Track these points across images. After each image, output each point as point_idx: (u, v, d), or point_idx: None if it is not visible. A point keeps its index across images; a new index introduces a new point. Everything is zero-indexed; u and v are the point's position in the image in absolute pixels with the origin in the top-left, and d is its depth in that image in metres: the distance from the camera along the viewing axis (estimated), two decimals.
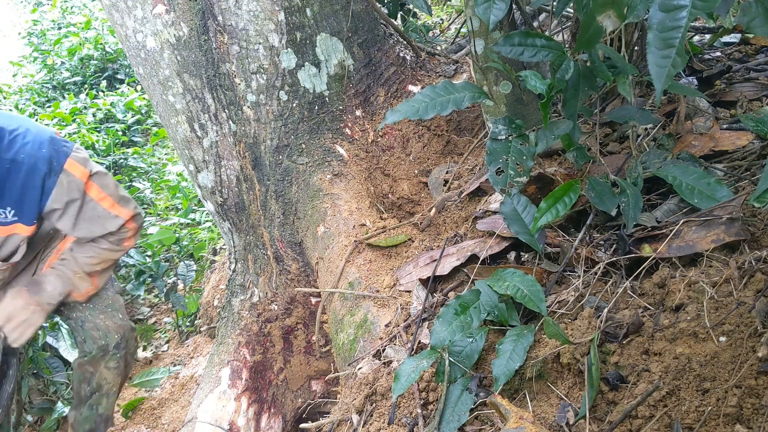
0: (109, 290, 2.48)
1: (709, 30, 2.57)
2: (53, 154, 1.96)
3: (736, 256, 1.37)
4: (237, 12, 2.32)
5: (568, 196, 1.60)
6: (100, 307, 2.41)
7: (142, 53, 2.42)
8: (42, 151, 1.93)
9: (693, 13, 0.95)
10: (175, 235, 4.01)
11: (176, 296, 3.81)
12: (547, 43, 1.58)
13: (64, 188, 2.02)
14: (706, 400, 1.15)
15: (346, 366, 1.88)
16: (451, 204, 2.26)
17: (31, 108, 6.49)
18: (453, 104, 1.72)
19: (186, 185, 4.95)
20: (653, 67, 0.99)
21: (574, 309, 1.49)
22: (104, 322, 2.39)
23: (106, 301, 2.43)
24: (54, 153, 1.96)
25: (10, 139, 1.89)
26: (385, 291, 1.98)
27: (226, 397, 2.42)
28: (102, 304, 2.42)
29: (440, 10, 6.20)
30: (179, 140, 2.55)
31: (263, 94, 2.42)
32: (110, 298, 2.46)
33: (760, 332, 1.17)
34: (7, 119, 1.94)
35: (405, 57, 2.68)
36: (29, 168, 1.92)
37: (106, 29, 7.87)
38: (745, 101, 2.02)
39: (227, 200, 2.58)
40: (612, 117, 1.79)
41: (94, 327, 2.38)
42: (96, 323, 2.38)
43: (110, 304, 2.44)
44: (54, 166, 1.97)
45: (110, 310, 2.43)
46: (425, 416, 1.44)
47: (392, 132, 2.61)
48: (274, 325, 2.59)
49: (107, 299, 2.45)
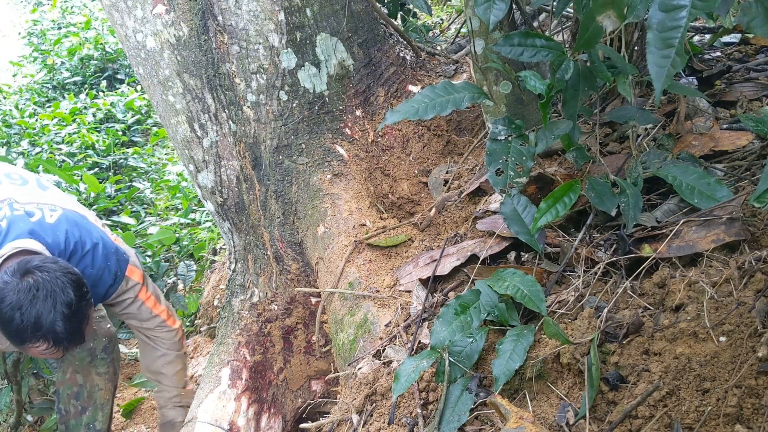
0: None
1: (709, 30, 2.57)
2: (116, 266, 2.16)
3: (736, 256, 1.37)
4: (237, 12, 2.32)
5: (568, 196, 1.60)
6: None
7: (142, 53, 2.42)
8: (107, 263, 2.13)
9: (693, 13, 0.95)
10: (175, 235, 4.01)
11: (176, 296, 3.81)
12: (547, 44, 1.58)
13: (123, 289, 2.24)
14: (706, 400, 1.15)
15: (346, 366, 1.88)
16: (451, 204, 2.26)
17: (31, 108, 6.49)
18: (453, 104, 1.72)
19: (186, 185, 4.95)
20: (653, 67, 0.99)
21: (574, 309, 1.49)
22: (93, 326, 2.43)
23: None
24: (116, 265, 2.16)
25: (83, 254, 2.05)
26: (385, 291, 1.98)
27: (226, 397, 2.42)
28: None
29: (440, 10, 6.20)
30: (179, 140, 2.55)
31: (263, 94, 2.42)
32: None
33: (760, 332, 1.17)
34: (85, 233, 2.10)
35: (405, 57, 2.68)
36: (95, 280, 2.10)
37: (106, 29, 7.87)
38: (745, 101, 2.02)
39: (227, 200, 2.58)
40: (612, 117, 1.79)
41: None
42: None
43: (96, 310, 2.48)
44: (118, 276, 2.17)
45: (97, 317, 2.49)
46: (425, 416, 1.44)
47: (392, 132, 2.61)
48: (274, 325, 2.59)
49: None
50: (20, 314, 1.71)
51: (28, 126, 5.66)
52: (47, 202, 2.12)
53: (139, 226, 4.32)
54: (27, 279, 1.73)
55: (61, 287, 1.76)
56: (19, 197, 2.08)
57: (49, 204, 2.10)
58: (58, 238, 1.99)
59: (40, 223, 1.98)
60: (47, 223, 2.00)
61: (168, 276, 3.87)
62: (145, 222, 4.55)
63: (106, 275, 2.11)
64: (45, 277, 1.75)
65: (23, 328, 1.73)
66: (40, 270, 1.76)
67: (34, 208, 2.03)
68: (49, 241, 1.96)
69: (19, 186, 2.18)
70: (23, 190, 2.16)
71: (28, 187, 2.20)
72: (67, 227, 2.03)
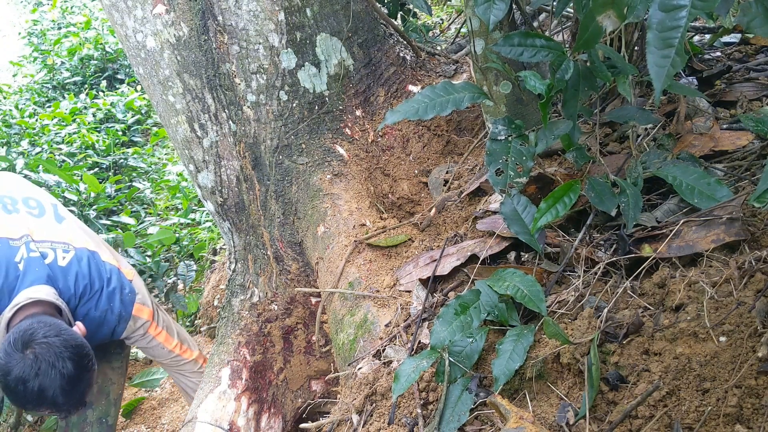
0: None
1: (709, 30, 2.57)
2: (120, 307, 2.22)
3: (736, 256, 1.37)
4: (237, 12, 2.33)
5: (568, 197, 1.60)
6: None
7: (142, 53, 2.42)
8: (111, 305, 2.20)
9: (693, 13, 0.95)
10: (175, 235, 4.01)
11: (176, 296, 3.81)
12: (547, 44, 1.58)
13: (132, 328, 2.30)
14: (706, 400, 1.15)
15: (346, 366, 1.88)
16: (451, 204, 2.26)
17: (31, 108, 6.49)
18: (453, 104, 1.72)
19: (186, 185, 4.95)
20: (653, 67, 0.99)
21: (574, 309, 1.49)
22: None
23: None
24: (122, 306, 2.22)
25: (90, 296, 2.15)
26: (385, 291, 1.98)
27: (226, 397, 2.42)
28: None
29: (440, 10, 6.20)
30: (179, 140, 2.55)
31: (263, 94, 2.42)
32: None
33: (760, 332, 1.17)
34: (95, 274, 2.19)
35: (405, 57, 2.68)
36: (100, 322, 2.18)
37: (106, 29, 7.87)
38: (745, 101, 2.02)
39: (227, 200, 2.58)
40: (612, 117, 1.79)
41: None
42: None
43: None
44: (123, 316, 2.24)
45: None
46: (425, 416, 1.44)
47: (392, 132, 2.61)
48: (274, 325, 2.59)
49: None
50: (24, 388, 1.83)
51: (28, 126, 5.66)
52: (61, 240, 2.21)
53: (139, 226, 4.32)
54: (28, 354, 1.84)
55: (61, 362, 1.86)
56: (36, 233, 2.18)
57: (62, 243, 2.20)
58: (68, 282, 2.13)
59: (52, 266, 2.10)
60: (59, 266, 2.12)
61: (168, 276, 3.88)
62: (145, 222, 4.56)
63: (109, 316, 2.20)
64: (45, 352, 1.85)
65: (28, 400, 1.86)
66: (40, 345, 1.86)
67: (48, 249, 2.15)
68: (60, 286, 2.10)
69: (36, 217, 2.26)
70: (39, 223, 2.25)
71: (44, 220, 2.28)
72: (78, 270, 2.16)
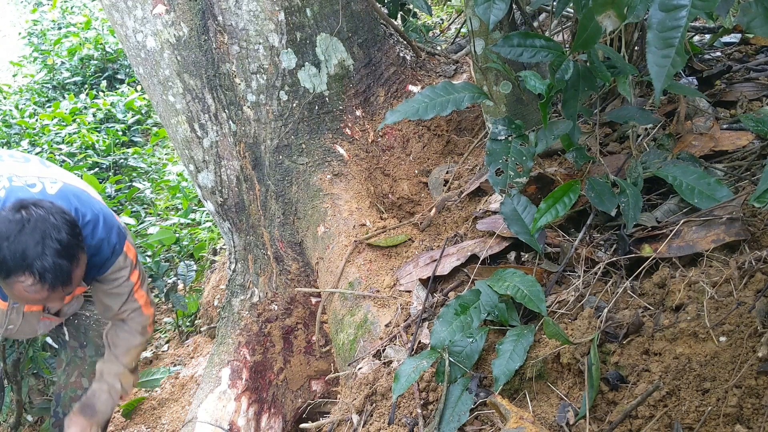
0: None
1: (709, 30, 2.57)
2: (116, 239, 2.11)
3: (736, 256, 1.37)
4: (237, 12, 2.32)
5: (568, 197, 1.60)
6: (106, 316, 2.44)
7: (142, 53, 2.42)
8: (107, 235, 2.07)
9: (693, 13, 0.95)
10: (175, 235, 4.00)
11: (176, 296, 3.81)
12: (547, 44, 1.58)
13: (120, 266, 2.17)
14: (706, 400, 1.15)
15: (346, 366, 1.88)
16: (451, 204, 2.26)
17: (31, 108, 6.48)
18: (453, 104, 1.72)
19: (186, 185, 4.95)
20: (653, 67, 0.99)
21: (574, 309, 1.49)
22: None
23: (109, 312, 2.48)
24: (116, 239, 2.11)
25: (83, 224, 1.99)
26: (385, 291, 1.98)
27: (226, 397, 2.42)
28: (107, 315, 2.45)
29: (440, 10, 6.20)
30: (179, 140, 2.55)
31: (263, 94, 2.42)
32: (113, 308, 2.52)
33: (760, 332, 1.17)
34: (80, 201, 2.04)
35: (405, 57, 2.68)
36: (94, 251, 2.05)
37: (106, 29, 7.86)
38: (745, 101, 2.02)
39: (227, 200, 2.58)
40: (612, 117, 1.79)
41: (98, 335, 2.43)
42: (101, 332, 2.42)
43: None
44: (116, 250, 2.12)
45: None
46: (425, 416, 1.44)
47: (392, 132, 2.61)
48: (274, 325, 2.59)
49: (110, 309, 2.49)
50: (7, 245, 1.69)
51: (28, 126, 5.66)
52: (49, 175, 2.09)
53: (139, 226, 4.31)
54: (20, 212, 1.73)
55: (53, 225, 1.74)
56: (20, 172, 2.06)
57: (51, 177, 2.08)
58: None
59: (42, 193, 1.96)
60: (48, 194, 1.98)
61: (168, 276, 3.87)
62: (145, 222, 4.55)
63: (105, 247, 2.06)
64: (39, 213, 1.74)
65: (8, 258, 1.71)
66: (36, 206, 1.75)
67: (35, 181, 2.02)
68: None
69: (22, 163, 2.16)
70: (25, 166, 2.14)
71: (30, 164, 2.17)
72: (69, 198, 2.01)
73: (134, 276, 2.24)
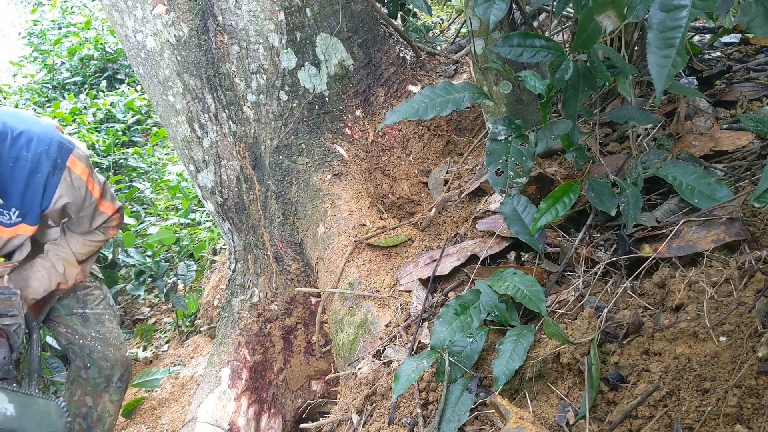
0: (114, 322, 2.52)
1: (709, 30, 2.57)
2: (57, 152, 1.95)
3: (736, 256, 1.37)
4: (237, 12, 2.32)
5: (568, 197, 1.60)
6: (110, 339, 2.44)
7: (142, 53, 2.42)
8: (46, 149, 1.92)
9: (693, 13, 0.95)
10: (175, 235, 4.01)
11: (176, 296, 3.81)
12: (547, 44, 1.58)
13: (68, 185, 2.02)
14: (706, 400, 1.15)
15: (346, 366, 1.88)
16: (451, 204, 2.26)
17: (31, 108, 6.49)
18: (453, 104, 1.72)
19: (186, 185, 4.95)
20: (653, 67, 0.99)
21: (574, 309, 1.49)
22: (113, 354, 2.43)
23: (113, 333, 2.47)
24: (57, 151, 1.95)
25: (14, 137, 1.87)
26: (385, 291, 1.98)
27: (226, 397, 2.42)
28: (111, 336, 2.45)
29: (440, 10, 6.20)
30: (179, 140, 2.55)
31: (263, 94, 2.42)
32: (116, 330, 2.50)
33: (760, 332, 1.17)
34: (12, 117, 1.93)
35: (405, 57, 2.68)
36: (33, 167, 1.91)
37: (106, 29, 7.87)
38: (745, 101, 2.02)
39: (227, 200, 2.58)
40: (612, 117, 1.79)
41: (103, 357, 2.41)
42: (105, 354, 2.42)
43: (116, 336, 2.48)
44: (58, 164, 1.96)
45: (118, 343, 2.47)
46: (425, 416, 1.44)
47: (392, 132, 2.61)
48: (274, 325, 2.59)
49: (114, 331, 2.48)
50: None
51: None
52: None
53: (139, 226, 4.32)
54: None
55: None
56: None
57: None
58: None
59: None
60: None
61: (168, 276, 3.87)
62: (145, 222, 4.55)
63: (44, 161, 1.91)
64: None
65: None
66: None
67: None
68: None
69: None
70: None
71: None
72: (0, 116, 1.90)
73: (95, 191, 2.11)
